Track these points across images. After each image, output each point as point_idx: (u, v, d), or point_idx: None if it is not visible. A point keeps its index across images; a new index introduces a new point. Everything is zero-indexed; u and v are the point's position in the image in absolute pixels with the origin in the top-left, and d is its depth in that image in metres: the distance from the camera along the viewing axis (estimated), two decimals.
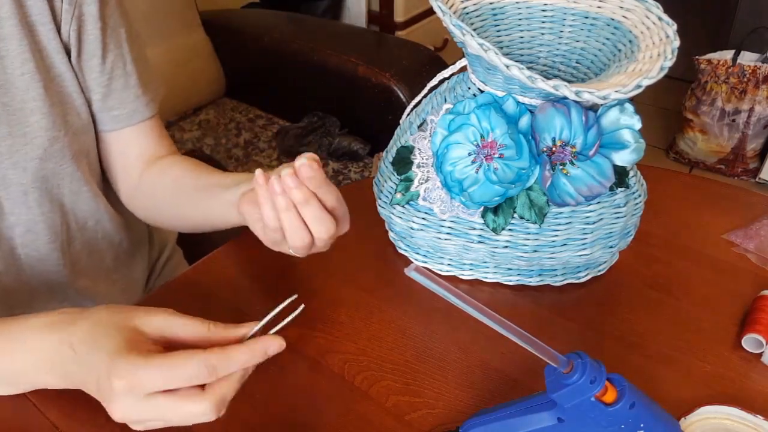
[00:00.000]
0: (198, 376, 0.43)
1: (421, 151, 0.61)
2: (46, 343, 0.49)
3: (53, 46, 0.64)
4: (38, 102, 0.64)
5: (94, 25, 0.67)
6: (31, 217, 0.68)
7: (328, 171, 1.44)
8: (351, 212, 0.74)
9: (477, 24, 0.60)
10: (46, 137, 0.65)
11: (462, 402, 0.55)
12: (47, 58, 0.65)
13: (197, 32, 1.62)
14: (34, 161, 0.65)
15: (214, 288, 0.66)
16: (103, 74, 0.69)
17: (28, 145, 0.64)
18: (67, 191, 0.70)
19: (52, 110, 0.65)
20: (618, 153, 0.55)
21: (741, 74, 1.94)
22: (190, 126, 1.60)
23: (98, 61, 0.68)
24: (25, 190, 0.66)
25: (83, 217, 0.74)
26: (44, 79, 0.64)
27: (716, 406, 0.52)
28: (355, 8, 2.23)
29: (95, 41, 0.67)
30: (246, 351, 0.45)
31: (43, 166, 0.66)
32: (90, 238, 0.76)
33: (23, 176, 0.65)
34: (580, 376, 0.40)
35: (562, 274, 0.66)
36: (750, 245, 0.71)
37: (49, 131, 0.65)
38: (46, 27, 0.63)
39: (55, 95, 0.66)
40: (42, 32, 0.64)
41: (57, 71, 0.66)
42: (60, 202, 0.70)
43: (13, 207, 0.67)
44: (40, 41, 0.64)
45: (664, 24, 0.55)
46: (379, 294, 0.66)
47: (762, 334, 0.58)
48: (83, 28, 0.66)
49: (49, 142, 0.65)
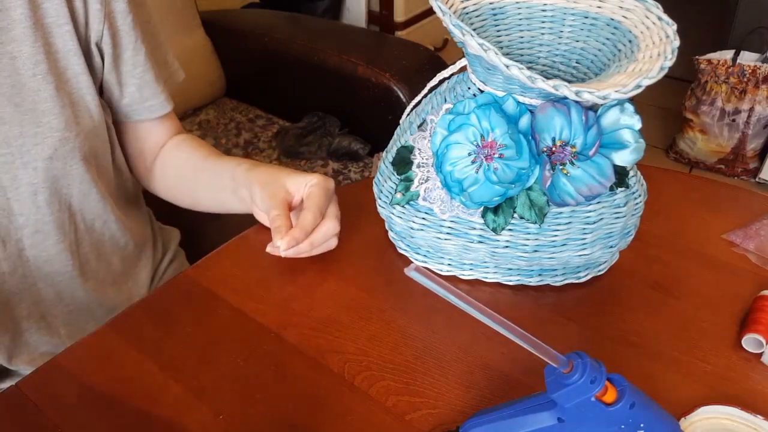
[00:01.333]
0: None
1: (421, 151, 0.61)
2: None
3: (69, 47, 0.65)
4: (50, 103, 0.65)
5: (123, 20, 0.69)
6: (40, 217, 0.68)
7: (328, 171, 1.44)
8: (351, 212, 0.74)
9: (477, 24, 0.60)
10: (57, 137, 0.66)
11: (462, 402, 0.55)
12: (62, 59, 0.66)
13: (197, 32, 1.62)
14: (45, 161, 0.66)
15: (214, 287, 0.66)
16: (136, 66, 0.72)
17: (39, 145, 0.65)
18: (76, 192, 0.71)
19: (64, 111, 0.66)
20: (618, 153, 0.55)
21: (741, 74, 1.94)
22: (190, 126, 1.60)
23: (131, 53, 0.71)
24: (35, 190, 0.67)
25: (91, 219, 0.74)
26: (57, 80, 0.65)
27: (716, 406, 0.52)
28: (355, 8, 2.23)
29: (127, 35, 0.70)
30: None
31: (53, 166, 0.67)
32: (97, 240, 0.76)
33: (34, 176, 0.66)
34: (580, 376, 0.40)
35: (562, 274, 0.66)
36: (750, 245, 0.71)
37: (61, 132, 0.66)
38: (62, 29, 0.64)
39: (66, 96, 0.66)
40: (58, 34, 0.64)
41: (72, 72, 0.67)
42: (69, 203, 0.71)
43: (23, 208, 0.67)
44: (55, 43, 0.65)
45: (664, 24, 0.55)
46: (379, 294, 0.66)
47: (762, 334, 0.58)
48: (115, 24, 0.68)
49: (61, 142, 0.66)
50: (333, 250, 0.70)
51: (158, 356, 0.59)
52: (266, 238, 0.67)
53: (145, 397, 0.56)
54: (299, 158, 1.48)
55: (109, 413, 0.55)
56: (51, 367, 0.59)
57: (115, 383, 0.57)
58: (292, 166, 1.45)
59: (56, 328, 0.75)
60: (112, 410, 0.55)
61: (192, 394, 0.56)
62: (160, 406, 0.55)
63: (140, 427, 0.53)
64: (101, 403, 0.55)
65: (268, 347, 0.60)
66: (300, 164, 1.46)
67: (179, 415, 0.54)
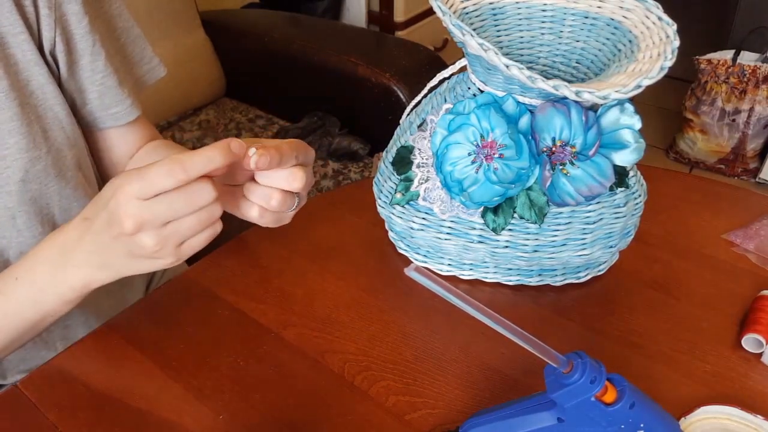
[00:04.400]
0: (171, 171, 0.46)
1: (421, 151, 0.61)
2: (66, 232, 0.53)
3: (29, 57, 0.61)
4: (15, 122, 0.61)
5: (78, 23, 0.64)
6: (22, 240, 0.65)
7: (328, 171, 1.44)
8: (351, 212, 0.74)
9: (477, 24, 0.60)
10: (26, 158, 0.62)
11: (462, 402, 0.55)
12: (23, 71, 0.61)
13: (197, 32, 1.62)
14: (18, 184, 0.62)
15: (214, 287, 0.66)
16: (95, 73, 0.67)
17: (9, 168, 0.61)
18: (57, 210, 0.67)
19: (31, 129, 0.62)
20: (618, 153, 0.55)
21: (741, 74, 1.94)
22: (190, 126, 1.60)
23: (89, 59, 0.66)
24: (13, 214, 0.63)
25: None
26: (20, 95, 0.61)
27: (716, 406, 0.52)
28: (355, 8, 2.23)
29: (82, 40, 0.65)
30: (210, 146, 0.48)
31: (27, 188, 0.63)
32: None
33: (8, 200, 0.62)
34: (580, 376, 0.40)
35: (562, 274, 0.66)
36: (750, 245, 0.71)
37: (30, 152, 0.62)
38: (18, 38, 0.60)
39: (32, 111, 0.62)
40: (14, 44, 0.60)
41: (36, 84, 0.62)
42: (52, 222, 0.67)
43: (3, 231, 0.64)
44: (13, 54, 0.60)
45: (664, 24, 0.55)
46: (379, 294, 0.66)
47: (762, 334, 0.58)
48: (68, 29, 0.63)
49: (31, 162, 0.62)
50: (333, 250, 0.70)
51: (158, 356, 0.59)
52: (266, 239, 0.68)
53: (145, 397, 0.56)
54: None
55: (109, 413, 0.55)
56: (51, 367, 0.59)
57: (115, 383, 0.57)
58: None
59: (53, 343, 0.74)
60: (112, 410, 0.55)
61: (192, 394, 0.56)
62: (160, 406, 0.55)
63: (140, 427, 0.53)
64: (101, 403, 0.55)
65: (268, 347, 0.60)
66: None
67: (179, 415, 0.54)
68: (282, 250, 0.71)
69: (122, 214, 0.47)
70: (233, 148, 0.48)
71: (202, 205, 0.48)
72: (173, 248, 0.49)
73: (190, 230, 0.49)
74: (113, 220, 0.48)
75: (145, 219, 0.47)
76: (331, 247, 0.72)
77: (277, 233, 0.75)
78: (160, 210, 0.47)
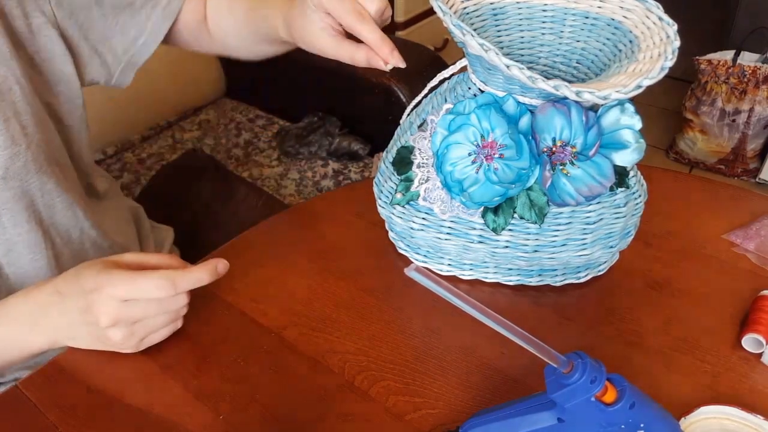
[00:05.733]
0: (162, 286, 0.53)
1: (421, 151, 0.61)
2: (36, 297, 0.57)
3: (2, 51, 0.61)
4: None
5: None
6: (8, 237, 0.65)
7: (328, 171, 1.44)
8: (351, 212, 0.74)
9: (477, 24, 0.60)
10: (6, 155, 0.61)
11: (462, 402, 0.55)
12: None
13: None
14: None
15: (214, 287, 0.66)
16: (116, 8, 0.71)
17: None
18: (42, 207, 0.67)
19: (8, 125, 0.61)
20: (618, 153, 0.55)
21: (741, 74, 1.94)
22: (190, 126, 1.59)
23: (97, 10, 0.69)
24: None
25: (65, 231, 0.71)
26: None
27: (716, 406, 0.52)
28: None
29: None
30: (200, 267, 0.56)
31: (9, 186, 0.63)
32: (78, 250, 0.73)
33: None
34: (580, 376, 0.40)
35: (562, 274, 0.66)
36: (750, 245, 0.71)
37: (8, 149, 0.61)
38: None
39: (9, 107, 0.62)
40: None
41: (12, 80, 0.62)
42: (38, 218, 0.67)
43: None
44: None
45: (665, 24, 0.55)
46: (379, 294, 0.66)
47: (762, 334, 0.58)
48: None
49: (10, 159, 0.62)
50: (333, 250, 0.70)
51: (158, 356, 0.59)
52: (266, 239, 0.67)
53: (145, 397, 0.56)
54: (299, 158, 1.48)
55: (109, 413, 0.55)
56: (51, 367, 0.59)
57: (115, 383, 0.57)
58: (292, 167, 1.45)
59: None
60: (112, 410, 0.55)
61: (192, 394, 0.56)
62: (160, 406, 0.55)
63: (140, 426, 0.53)
64: (101, 403, 0.55)
65: (268, 347, 0.60)
66: (300, 164, 1.46)
67: (179, 415, 0.54)
68: (282, 250, 0.71)
69: (101, 311, 0.52)
70: (219, 270, 0.57)
71: (173, 310, 0.55)
72: (137, 341, 0.56)
73: (156, 327, 0.56)
74: (90, 311, 0.53)
75: (121, 318, 0.53)
76: (331, 247, 0.72)
77: (277, 233, 0.75)
78: (136, 312, 0.53)
